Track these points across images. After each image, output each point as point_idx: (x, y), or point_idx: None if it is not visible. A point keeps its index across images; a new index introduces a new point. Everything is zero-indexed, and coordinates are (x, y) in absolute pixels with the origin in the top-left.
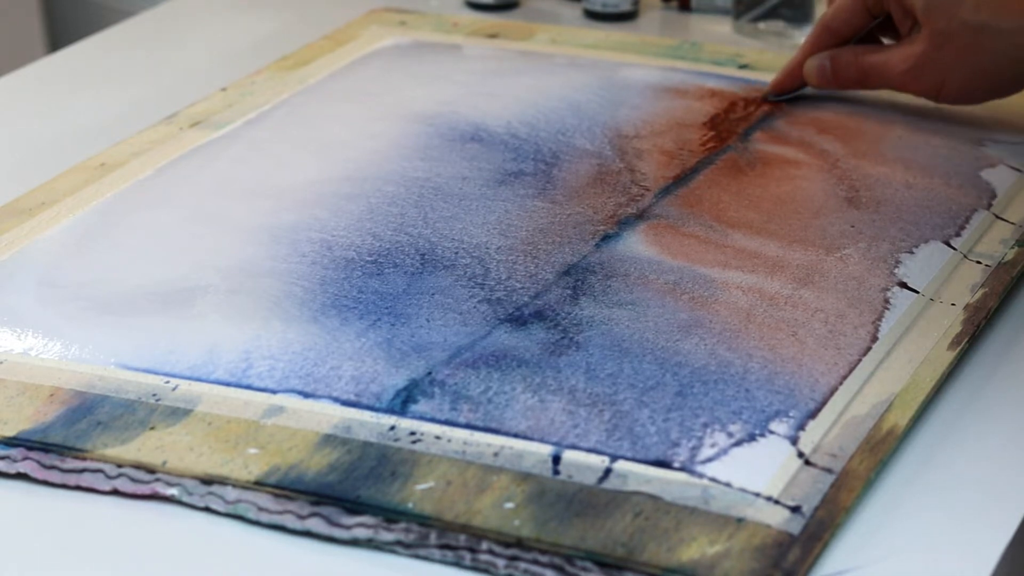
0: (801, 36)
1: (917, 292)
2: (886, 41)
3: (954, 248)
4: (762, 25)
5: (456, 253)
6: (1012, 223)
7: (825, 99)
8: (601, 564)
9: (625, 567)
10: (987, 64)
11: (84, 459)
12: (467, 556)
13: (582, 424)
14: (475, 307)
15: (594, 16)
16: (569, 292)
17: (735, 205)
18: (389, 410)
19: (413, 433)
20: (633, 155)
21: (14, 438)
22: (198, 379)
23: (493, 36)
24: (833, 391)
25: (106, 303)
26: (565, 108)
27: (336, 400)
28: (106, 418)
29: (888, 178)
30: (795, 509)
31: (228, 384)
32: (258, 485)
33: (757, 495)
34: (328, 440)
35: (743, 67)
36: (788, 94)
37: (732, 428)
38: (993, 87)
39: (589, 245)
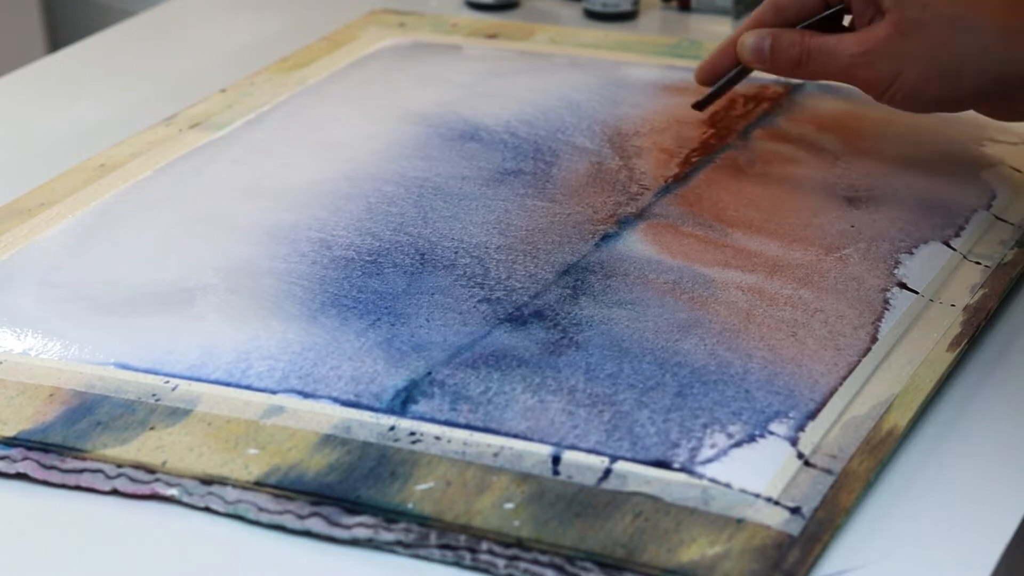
0: None
1: (917, 293)
2: None
3: (954, 249)
4: None
5: (456, 253)
6: (1012, 224)
7: (825, 95)
8: (601, 564)
9: (625, 568)
10: (951, 64)
11: (84, 459)
12: (467, 556)
13: (582, 424)
14: (475, 307)
15: (594, 16)
16: (569, 292)
17: (735, 204)
18: (389, 410)
19: (413, 433)
20: (632, 154)
21: (14, 438)
22: (198, 379)
23: (492, 36)
24: (833, 392)
25: (106, 303)
26: (564, 107)
27: (336, 400)
28: (106, 418)
29: (888, 178)
30: (795, 510)
31: (228, 384)
32: (258, 485)
33: (757, 496)
34: (328, 440)
35: None
36: (719, 79)
37: (732, 429)
38: (947, 93)
39: (588, 245)
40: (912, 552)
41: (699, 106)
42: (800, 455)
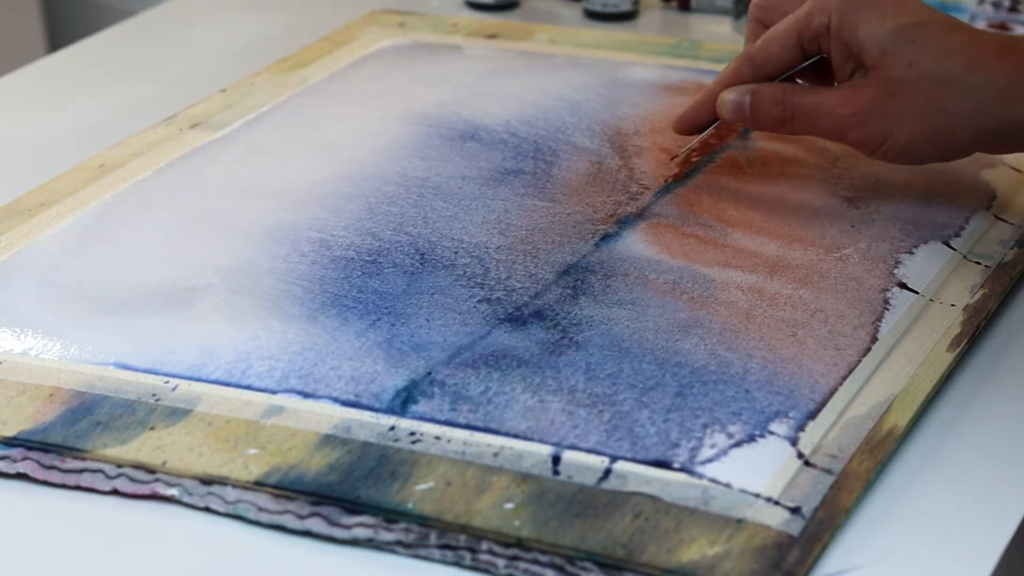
0: None
1: (917, 293)
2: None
3: (954, 249)
4: None
5: (455, 253)
6: (1012, 224)
7: None
8: (601, 564)
9: (625, 568)
10: (943, 122)
11: (84, 459)
12: (467, 556)
13: (582, 424)
14: (475, 307)
15: (594, 16)
16: (569, 292)
17: (735, 204)
18: (389, 410)
19: (413, 433)
20: (632, 153)
21: (14, 438)
22: (197, 379)
23: (492, 36)
24: (833, 392)
25: (106, 303)
26: (564, 107)
27: (336, 400)
28: (106, 418)
29: (888, 178)
30: (795, 510)
31: (228, 384)
32: (258, 485)
33: (757, 496)
34: (328, 440)
35: None
36: (697, 131)
37: (732, 429)
38: (942, 149)
39: (589, 244)
40: (912, 552)
41: (677, 161)
42: (800, 455)
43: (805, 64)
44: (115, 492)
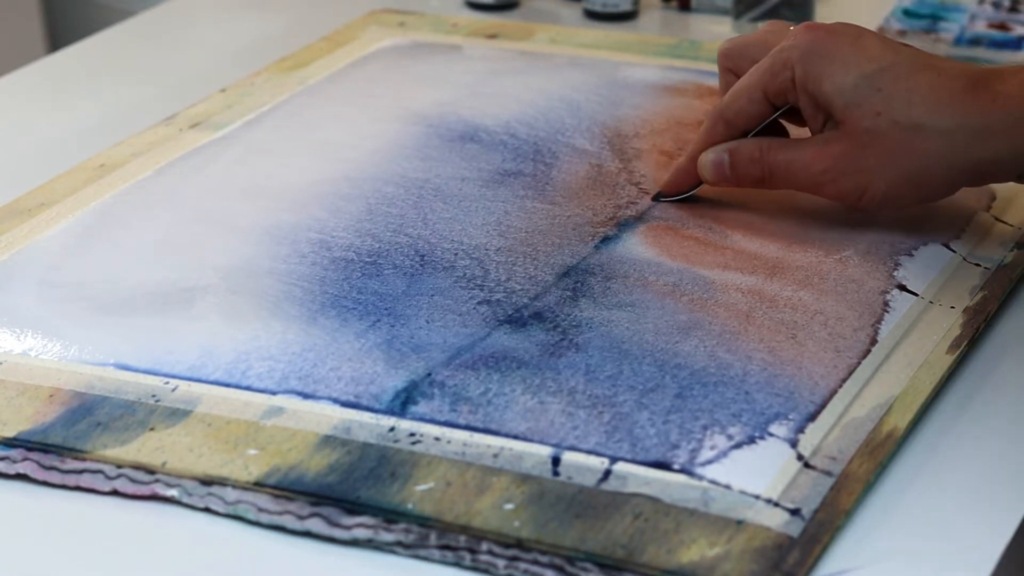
0: None
1: (916, 295)
2: (793, 132)
3: (953, 251)
4: (762, 25)
5: (455, 254)
6: (1011, 226)
7: None
8: (601, 565)
9: (625, 568)
10: (919, 168)
11: (84, 460)
12: (467, 557)
13: (582, 426)
14: (474, 308)
15: (594, 16)
16: (568, 294)
17: (734, 206)
18: (389, 411)
19: (413, 434)
20: (632, 156)
21: (14, 439)
22: (197, 380)
23: (492, 36)
24: (832, 394)
25: (106, 303)
26: (564, 108)
27: (336, 401)
28: (106, 419)
29: None
30: (795, 511)
31: (227, 385)
32: (258, 486)
33: (757, 497)
34: (328, 441)
35: None
36: (682, 194)
37: (732, 430)
38: (923, 193)
39: (588, 247)
40: (912, 552)
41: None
42: (800, 457)
43: (778, 114)
44: (115, 493)
